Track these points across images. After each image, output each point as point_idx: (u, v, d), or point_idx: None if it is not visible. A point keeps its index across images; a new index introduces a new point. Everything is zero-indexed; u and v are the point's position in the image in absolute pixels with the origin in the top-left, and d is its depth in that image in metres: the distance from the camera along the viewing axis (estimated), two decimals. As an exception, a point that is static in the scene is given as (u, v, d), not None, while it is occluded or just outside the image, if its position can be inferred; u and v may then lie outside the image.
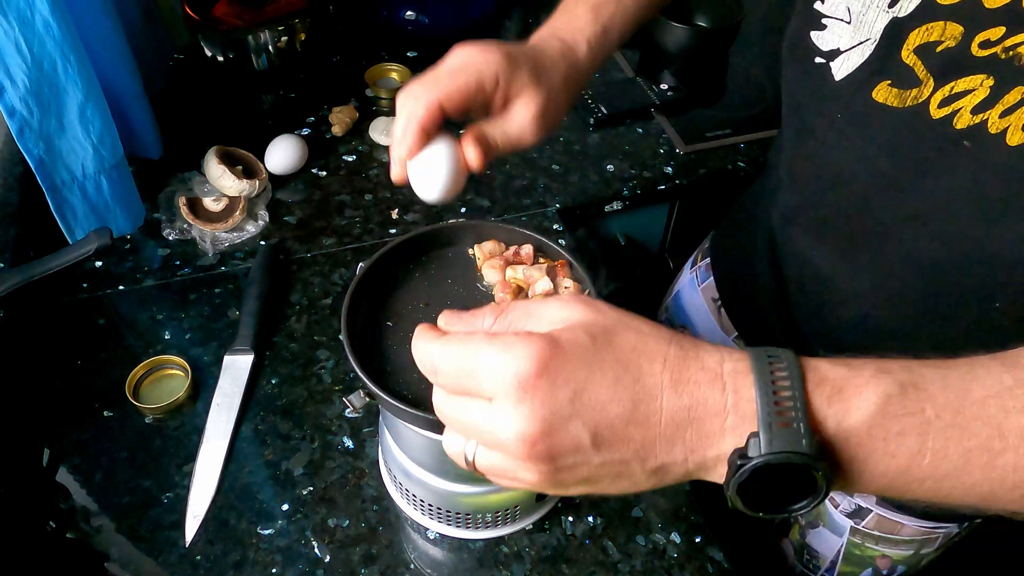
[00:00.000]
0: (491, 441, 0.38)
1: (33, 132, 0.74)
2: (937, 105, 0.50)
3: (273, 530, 0.69)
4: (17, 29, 0.69)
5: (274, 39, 1.09)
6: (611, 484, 0.39)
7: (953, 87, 0.49)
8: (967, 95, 0.48)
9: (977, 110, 0.48)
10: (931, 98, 0.50)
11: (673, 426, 0.37)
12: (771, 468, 0.35)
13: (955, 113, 0.49)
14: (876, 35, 0.52)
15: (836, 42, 0.55)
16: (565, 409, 0.36)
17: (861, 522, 0.74)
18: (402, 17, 1.20)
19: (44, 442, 0.75)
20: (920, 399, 0.36)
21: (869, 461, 0.36)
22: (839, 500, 0.74)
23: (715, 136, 1.10)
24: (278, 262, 0.90)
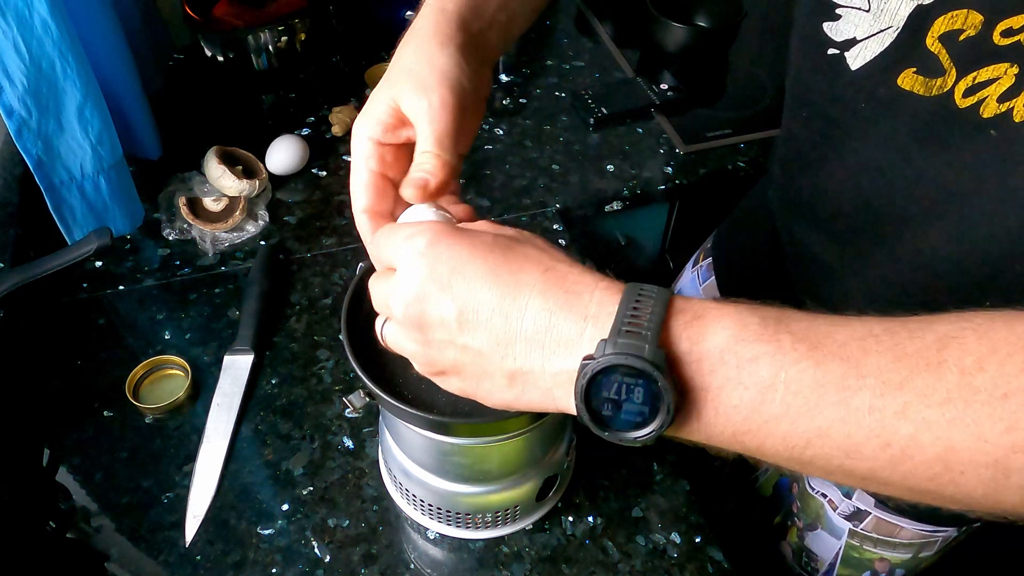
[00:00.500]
0: (385, 307, 0.43)
1: (31, 132, 0.74)
2: (962, 95, 0.49)
3: (273, 530, 0.69)
4: (15, 29, 0.69)
5: (274, 39, 1.09)
6: (475, 382, 0.41)
7: (976, 76, 0.48)
8: (991, 84, 0.47)
9: (1003, 98, 0.47)
10: (955, 87, 0.49)
11: (534, 328, 0.38)
12: (616, 378, 0.35)
13: (981, 102, 0.48)
14: (899, 23, 0.51)
15: (852, 32, 0.54)
16: (442, 279, 0.40)
17: (859, 524, 0.74)
18: (402, 17, 1.20)
19: (44, 442, 0.75)
20: (778, 330, 0.35)
21: (722, 391, 0.35)
22: (837, 502, 0.74)
23: (715, 136, 1.10)
24: (278, 262, 0.90)
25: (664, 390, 0.35)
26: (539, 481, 0.67)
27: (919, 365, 0.33)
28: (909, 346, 0.34)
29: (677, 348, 0.36)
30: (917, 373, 0.33)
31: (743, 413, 0.35)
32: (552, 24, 1.32)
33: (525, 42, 1.28)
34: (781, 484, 0.82)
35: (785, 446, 0.35)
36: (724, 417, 0.35)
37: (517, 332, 0.38)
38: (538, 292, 0.39)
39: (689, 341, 0.36)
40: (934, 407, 0.32)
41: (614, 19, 1.33)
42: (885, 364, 0.33)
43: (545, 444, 0.67)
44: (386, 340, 0.46)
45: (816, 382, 0.34)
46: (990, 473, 0.32)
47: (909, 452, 0.33)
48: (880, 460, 0.33)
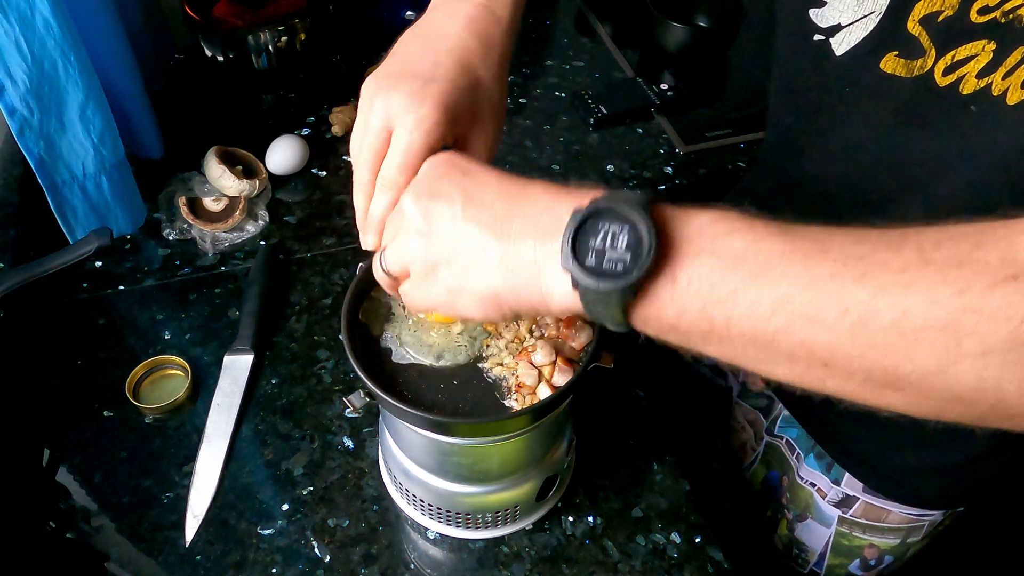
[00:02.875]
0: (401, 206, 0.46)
1: (33, 131, 0.74)
2: (942, 73, 0.51)
3: (273, 530, 0.69)
4: (17, 28, 0.69)
5: (274, 39, 1.09)
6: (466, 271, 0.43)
7: (955, 55, 0.49)
8: (970, 61, 0.49)
9: (982, 74, 0.48)
10: (935, 67, 0.51)
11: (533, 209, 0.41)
12: (603, 224, 0.37)
13: (960, 79, 0.50)
14: (881, 8, 0.52)
15: (837, 18, 0.56)
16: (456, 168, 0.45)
17: (848, 511, 0.75)
18: (402, 17, 1.20)
19: (44, 442, 0.75)
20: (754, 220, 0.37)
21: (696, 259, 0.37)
22: (826, 490, 0.75)
23: (715, 136, 1.10)
24: (278, 262, 0.90)
25: (647, 230, 0.36)
26: (539, 481, 0.67)
27: (880, 244, 0.35)
28: (871, 233, 0.36)
29: (663, 210, 0.38)
30: (877, 250, 0.34)
31: (713, 280, 0.36)
32: (552, 24, 1.32)
33: (525, 42, 1.28)
34: (771, 477, 0.83)
35: (751, 317, 0.36)
36: (695, 285, 0.36)
37: (516, 212, 0.41)
38: (541, 187, 0.42)
39: (672, 217, 0.38)
40: (890, 275, 0.33)
41: (614, 19, 1.33)
42: (848, 243, 0.35)
43: (545, 444, 0.67)
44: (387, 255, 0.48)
45: (782, 252, 0.35)
46: (942, 340, 0.32)
47: (865, 318, 0.33)
48: (839, 329, 0.34)
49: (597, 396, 0.78)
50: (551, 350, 0.59)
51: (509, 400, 0.59)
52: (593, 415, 0.77)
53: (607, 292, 0.37)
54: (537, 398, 0.58)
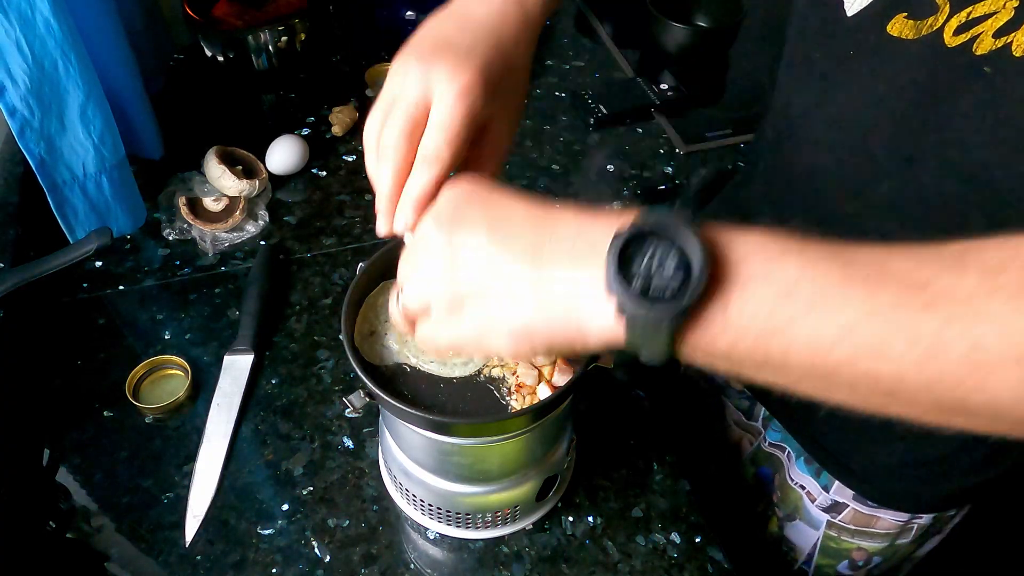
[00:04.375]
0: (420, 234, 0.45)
1: (34, 132, 0.74)
2: (952, 32, 0.47)
3: (273, 530, 0.69)
4: (18, 29, 0.69)
5: (274, 39, 1.09)
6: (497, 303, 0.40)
7: (971, 12, 0.46)
8: (988, 19, 0.45)
9: (999, 34, 0.45)
10: (945, 25, 0.48)
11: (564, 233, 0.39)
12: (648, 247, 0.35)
13: (974, 39, 0.46)
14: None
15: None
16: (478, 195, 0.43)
17: (837, 516, 0.74)
18: (402, 17, 1.21)
19: (44, 442, 0.75)
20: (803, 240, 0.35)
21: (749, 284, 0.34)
22: (816, 495, 0.74)
23: (715, 136, 1.10)
24: (278, 262, 0.90)
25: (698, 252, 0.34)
26: (539, 481, 0.67)
27: (942, 268, 0.32)
28: (928, 255, 0.33)
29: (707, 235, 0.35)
30: (940, 275, 0.32)
31: (768, 308, 0.34)
32: (552, 24, 1.32)
33: (525, 42, 1.28)
34: (762, 473, 0.82)
35: (811, 349, 0.33)
36: (750, 313, 0.34)
37: (547, 237, 0.39)
38: (570, 211, 0.40)
39: (719, 238, 0.35)
40: (958, 304, 0.31)
41: (614, 19, 1.33)
42: (908, 266, 0.33)
43: (545, 444, 0.67)
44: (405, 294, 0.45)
45: (842, 278, 0.33)
46: (1017, 372, 0.31)
47: (935, 350, 0.31)
48: (907, 360, 0.32)
49: (597, 396, 0.78)
50: (551, 350, 0.59)
51: (509, 400, 0.59)
52: (593, 415, 0.77)
53: (658, 319, 0.34)
54: (537, 398, 0.58)
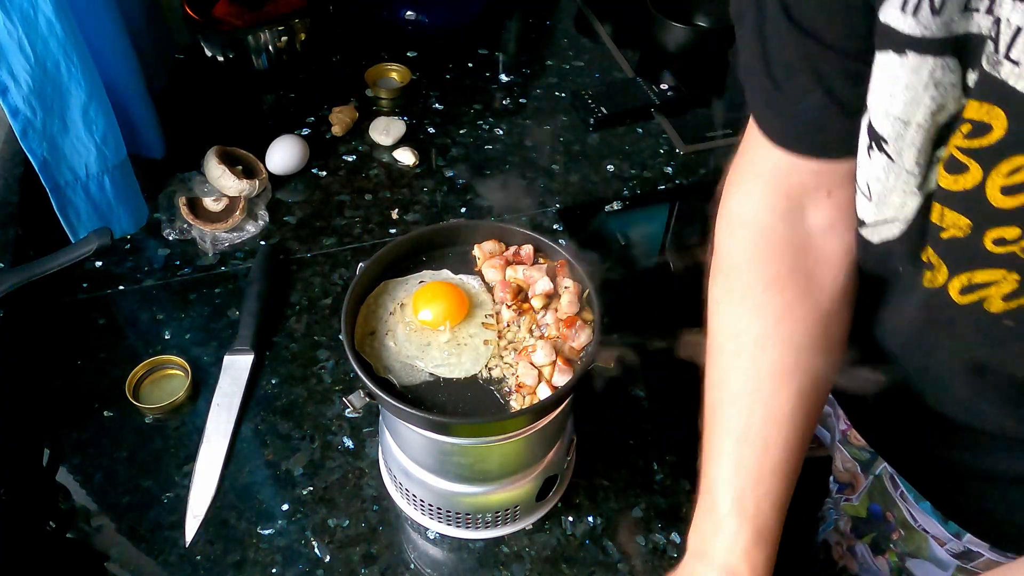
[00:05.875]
0: None
1: (36, 132, 0.74)
2: (959, 292, 0.47)
3: (273, 530, 0.69)
4: (20, 29, 0.69)
5: (274, 39, 1.09)
6: None
7: (971, 277, 0.46)
8: (991, 286, 0.45)
9: (1009, 298, 0.44)
10: (948, 284, 0.47)
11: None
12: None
13: (983, 300, 0.46)
14: (907, 216, 0.49)
15: (864, 215, 0.52)
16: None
17: (970, 563, 0.67)
18: (402, 17, 1.21)
19: (44, 442, 0.75)
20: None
21: None
22: (944, 540, 0.67)
23: (715, 136, 1.10)
24: (278, 262, 0.90)
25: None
26: (539, 481, 0.67)
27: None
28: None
29: None
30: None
31: None
32: (552, 24, 1.32)
33: (525, 42, 1.28)
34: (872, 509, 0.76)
35: None
36: None
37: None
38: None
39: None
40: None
41: (614, 19, 1.33)
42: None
43: (545, 444, 0.67)
44: None
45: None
46: None
47: None
48: None
49: (597, 396, 0.78)
50: (551, 350, 0.59)
51: (509, 400, 0.59)
52: (593, 415, 0.77)
53: None
54: (537, 398, 0.58)
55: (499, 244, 0.68)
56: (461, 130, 1.10)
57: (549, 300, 0.63)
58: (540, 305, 0.63)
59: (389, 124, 1.07)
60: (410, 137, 1.08)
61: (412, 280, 0.67)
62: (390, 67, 1.17)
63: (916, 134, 0.44)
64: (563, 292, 0.63)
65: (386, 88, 1.14)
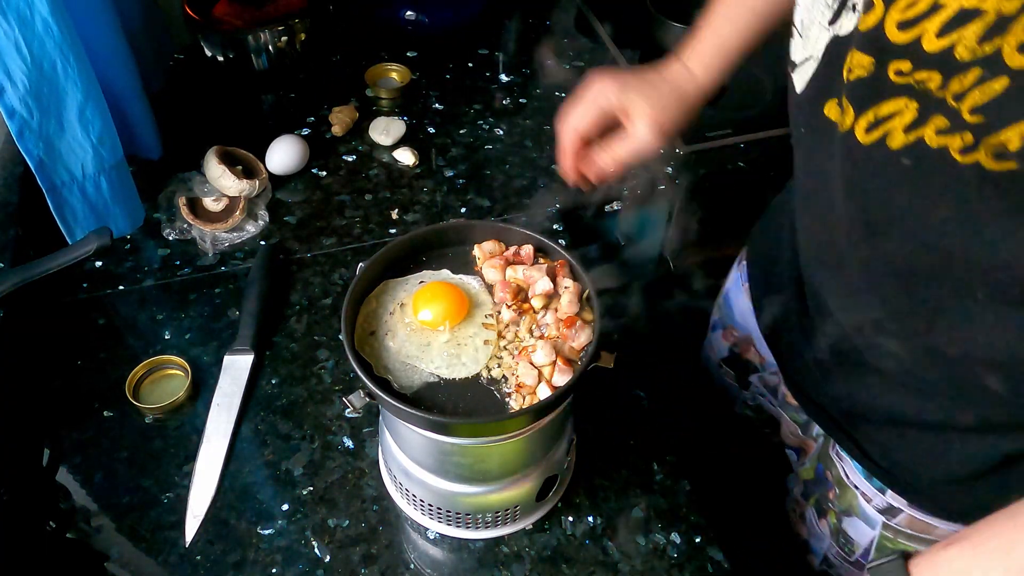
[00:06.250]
0: None
1: (33, 133, 0.74)
2: (865, 132, 0.51)
3: (273, 530, 0.69)
4: (17, 30, 0.69)
5: (274, 39, 1.09)
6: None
7: (876, 112, 0.50)
8: (894, 117, 0.49)
9: (910, 129, 0.48)
10: (856, 125, 0.51)
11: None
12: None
13: (886, 135, 0.50)
14: (817, 52, 0.53)
15: (794, 54, 0.57)
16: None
17: (893, 519, 0.73)
18: (402, 17, 1.21)
19: (44, 442, 0.75)
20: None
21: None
22: (871, 496, 0.74)
23: (715, 136, 1.10)
24: (278, 262, 0.90)
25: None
26: (539, 481, 0.67)
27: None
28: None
29: None
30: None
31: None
32: (552, 24, 1.32)
33: (525, 42, 1.28)
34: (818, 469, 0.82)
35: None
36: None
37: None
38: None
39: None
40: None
41: (614, 19, 1.33)
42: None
43: (545, 444, 0.67)
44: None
45: None
46: None
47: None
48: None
49: (597, 396, 0.78)
50: (551, 350, 0.59)
51: (509, 400, 0.59)
52: (593, 415, 0.77)
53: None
54: (537, 398, 0.58)
55: (499, 244, 0.68)
56: (461, 130, 1.10)
57: (549, 300, 0.63)
58: (540, 305, 0.63)
59: (389, 124, 1.07)
60: (410, 137, 1.08)
61: (412, 280, 0.67)
62: (390, 67, 1.17)
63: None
64: (563, 292, 0.63)
65: (386, 88, 1.14)
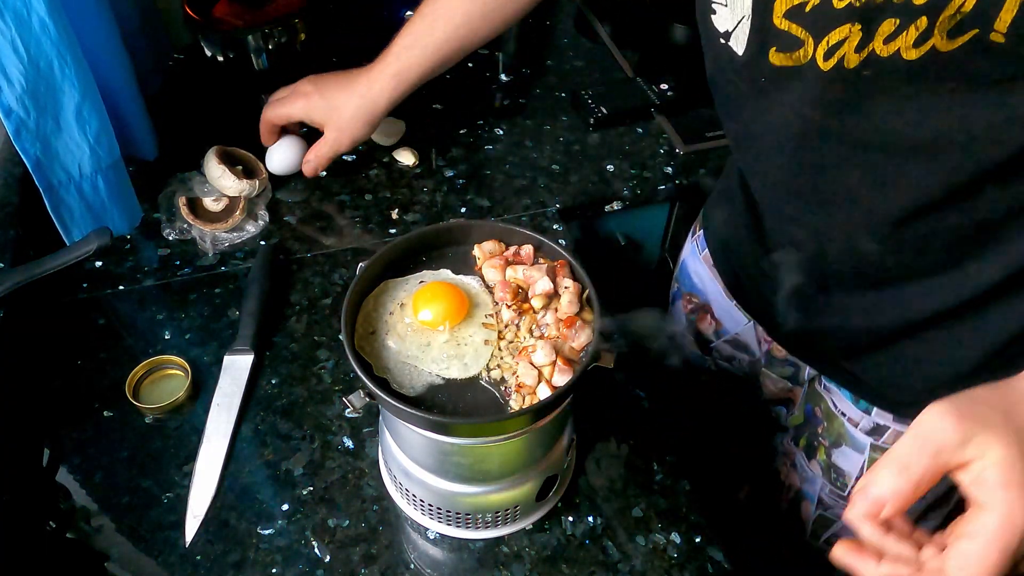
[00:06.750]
0: None
1: (29, 132, 0.74)
2: (823, 59, 0.55)
3: (273, 530, 0.69)
4: (14, 29, 0.69)
5: (274, 39, 1.09)
6: None
7: (829, 39, 0.54)
8: (844, 43, 0.53)
9: (860, 49, 0.53)
10: (816, 53, 0.55)
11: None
12: None
13: (842, 59, 0.54)
14: (747, 10, 0.57)
15: (725, 24, 0.60)
16: None
17: (880, 438, 0.75)
18: (402, 17, 1.21)
19: (44, 442, 0.75)
20: None
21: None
22: (857, 419, 0.76)
23: (715, 136, 1.10)
24: (278, 262, 0.90)
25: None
26: (539, 481, 0.67)
27: None
28: None
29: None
30: None
31: None
32: (552, 24, 1.32)
33: (525, 42, 1.28)
34: (806, 410, 0.85)
35: None
36: None
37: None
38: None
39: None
40: None
41: (614, 19, 1.33)
42: None
43: (545, 444, 0.67)
44: None
45: None
46: None
47: None
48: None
49: (597, 396, 0.78)
50: (551, 350, 0.59)
51: (509, 400, 0.59)
52: (593, 415, 0.77)
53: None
54: (537, 398, 0.58)
55: (499, 244, 0.68)
56: (461, 130, 1.10)
57: (549, 300, 0.63)
58: (540, 305, 0.63)
59: (389, 125, 1.07)
60: (410, 137, 1.08)
61: (412, 280, 0.67)
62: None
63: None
64: (563, 292, 0.63)
65: (386, 88, 1.14)
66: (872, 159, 0.59)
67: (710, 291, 0.90)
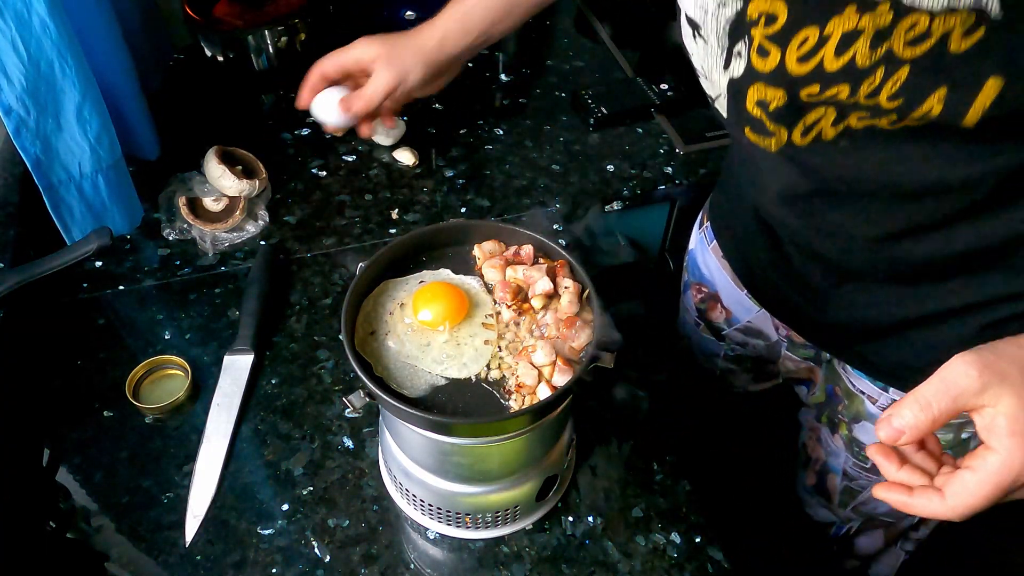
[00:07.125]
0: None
1: (30, 131, 0.74)
2: (801, 136, 0.59)
3: (273, 530, 0.69)
4: (14, 28, 0.69)
5: (274, 39, 1.09)
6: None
7: (804, 121, 0.57)
8: (820, 120, 0.57)
9: (836, 123, 0.56)
10: (791, 137, 0.59)
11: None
12: None
13: (819, 134, 0.58)
14: (723, 90, 0.60)
15: (708, 91, 0.64)
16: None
17: None
18: (402, 17, 1.21)
19: (44, 442, 0.75)
20: None
21: None
22: (876, 396, 0.78)
23: (715, 136, 1.10)
24: (278, 262, 0.90)
25: None
26: (539, 481, 0.67)
27: None
28: None
29: None
30: None
31: None
32: (552, 24, 1.32)
33: (525, 42, 1.28)
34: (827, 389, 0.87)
35: None
36: None
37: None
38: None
39: None
40: None
41: (614, 19, 1.33)
42: None
43: (545, 444, 0.67)
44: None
45: None
46: None
47: None
48: None
49: (597, 396, 0.78)
50: (551, 350, 0.59)
51: (509, 400, 0.59)
52: (593, 415, 0.77)
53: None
54: (537, 398, 0.58)
55: (499, 244, 0.68)
56: (461, 130, 1.10)
57: (549, 300, 0.63)
58: (540, 305, 0.63)
59: (389, 124, 1.07)
60: (410, 137, 1.08)
61: (412, 280, 0.67)
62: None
63: (712, 22, 0.56)
64: (563, 292, 0.63)
65: (386, 88, 1.14)
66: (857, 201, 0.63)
67: (719, 281, 0.91)
